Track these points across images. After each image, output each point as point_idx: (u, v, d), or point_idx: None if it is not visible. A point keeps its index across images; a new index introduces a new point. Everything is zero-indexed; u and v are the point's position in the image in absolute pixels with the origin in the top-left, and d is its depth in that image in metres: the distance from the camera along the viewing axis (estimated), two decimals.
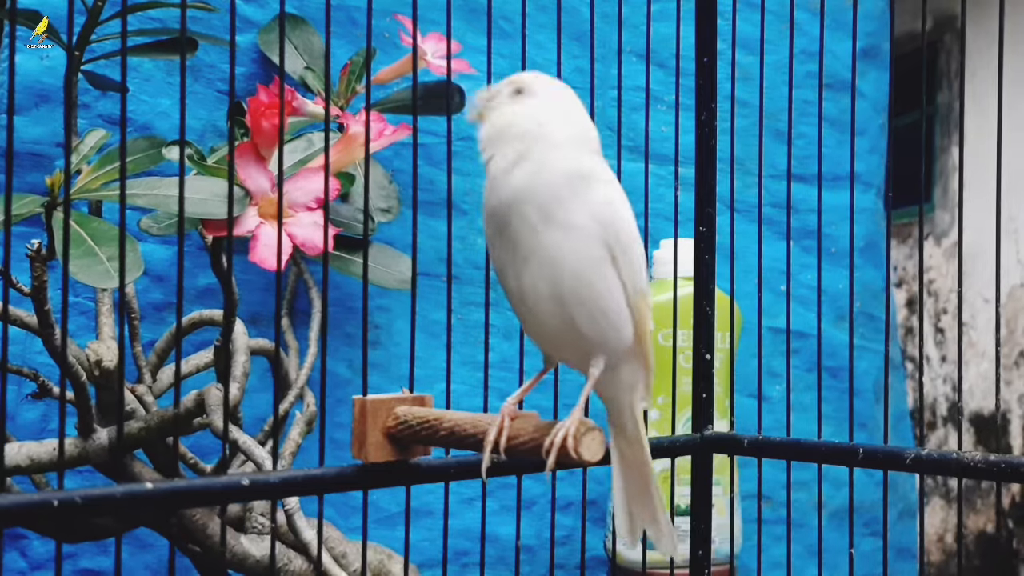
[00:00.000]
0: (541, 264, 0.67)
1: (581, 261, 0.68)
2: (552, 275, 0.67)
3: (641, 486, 0.80)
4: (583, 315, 0.69)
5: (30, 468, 1.06)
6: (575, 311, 0.68)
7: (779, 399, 1.25)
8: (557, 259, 0.67)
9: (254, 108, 1.01)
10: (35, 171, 1.20)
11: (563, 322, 0.69)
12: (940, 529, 3.39)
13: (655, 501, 0.80)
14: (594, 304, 0.69)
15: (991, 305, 3.14)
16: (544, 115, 0.70)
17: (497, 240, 0.69)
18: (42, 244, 0.92)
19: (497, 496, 1.39)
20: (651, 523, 0.81)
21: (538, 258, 0.67)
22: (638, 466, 0.80)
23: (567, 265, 0.67)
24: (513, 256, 0.68)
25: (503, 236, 0.68)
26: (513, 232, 0.68)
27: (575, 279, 0.68)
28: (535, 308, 0.69)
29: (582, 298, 0.68)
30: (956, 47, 3.49)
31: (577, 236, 0.67)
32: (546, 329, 0.71)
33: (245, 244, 1.03)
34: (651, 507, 0.80)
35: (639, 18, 1.30)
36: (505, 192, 0.68)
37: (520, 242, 0.68)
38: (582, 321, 0.69)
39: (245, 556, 1.09)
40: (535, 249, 0.67)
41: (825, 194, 1.14)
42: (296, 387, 1.17)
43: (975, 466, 0.86)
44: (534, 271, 0.68)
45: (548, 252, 0.67)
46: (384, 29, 1.37)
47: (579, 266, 0.68)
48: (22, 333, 1.13)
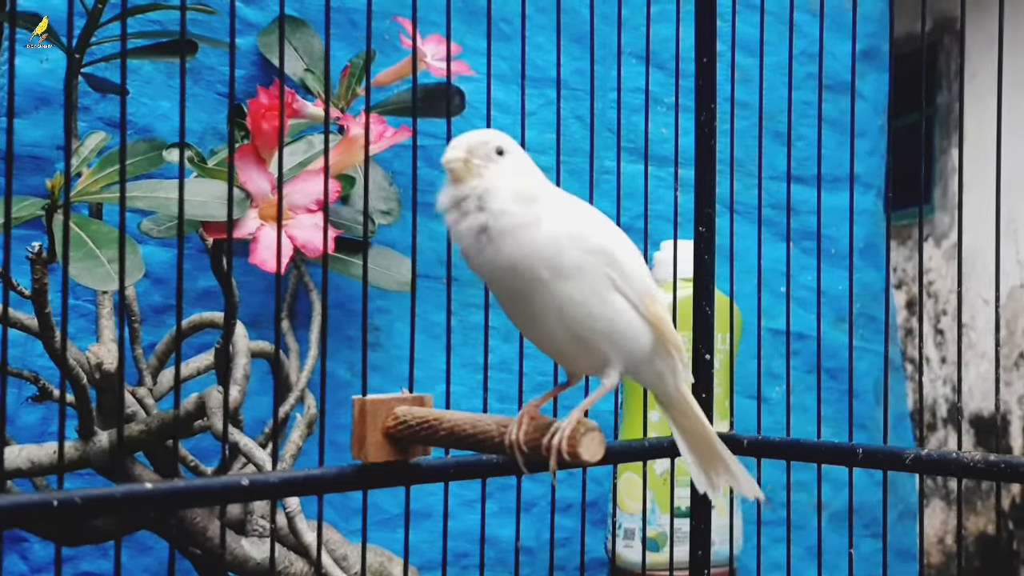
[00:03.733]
0: (553, 315, 0.71)
1: (588, 301, 0.71)
2: (564, 323, 0.71)
3: (707, 447, 0.85)
4: (601, 341, 0.73)
5: (31, 471, 1.06)
6: (589, 338, 0.72)
7: (779, 400, 1.25)
8: (567, 307, 0.70)
9: (254, 110, 1.01)
10: (36, 174, 1.20)
11: (583, 350, 0.73)
12: (940, 531, 3.39)
13: (724, 455, 0.85)
14: (608, 329, 0.72)
15: (991, 306, 3.14)
16: (532, 173, 0.73)
17: (506, 298, 0.72)
18: (43, 247, 0.92)
19: (497, 498, 1.39)
20: (726, 474, 0.86)
21: (551, 310, 0.71)
22: (697, 431, 0.85)
23: (576, 309, 0.71)
24: (526, 314, 0.72)
25: (514, 295, 0.71)
26: (525, 291, 0.70)
27: (587, 318, 0.71)
28: (559, 349, 0.74)
29: (597, 329, 0.72)
30: (956, 48, 3.49)
31: (582, 278, 0.70)
32: (565, 354, 0.75)
33: (246, 246, 1.03)
34: (722, 461, 0.85)
35: (639, 19, 1.30)
36: (518, 256, 0.69)
37: (532, 300, 0.70)
38: (598, 343, 0.73)
39: (246, 558, 1.09)
40: (546, 302, 0.70)
41: (825, 195, 1.15)
42: (297, 389, 1.17)
43: (974, 466, 0.86)
44: (549, 323, 0.71)
45: (560, 302, 0.70)
46: (384, 31, 1.37)
47: (587, 307, 0.71)
48: (22, 336, 1.13)
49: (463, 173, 0.70)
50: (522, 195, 0.70)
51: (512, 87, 1.42)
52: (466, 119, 1.40)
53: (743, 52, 1.28)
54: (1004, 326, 3.19)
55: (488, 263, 0.70)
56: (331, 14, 0.85)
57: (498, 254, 0.69)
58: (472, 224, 0.70)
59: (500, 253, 0.69)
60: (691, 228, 1.12)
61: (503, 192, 0.70)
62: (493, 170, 0.71)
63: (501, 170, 0.71)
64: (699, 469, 0.86)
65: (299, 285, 1.27)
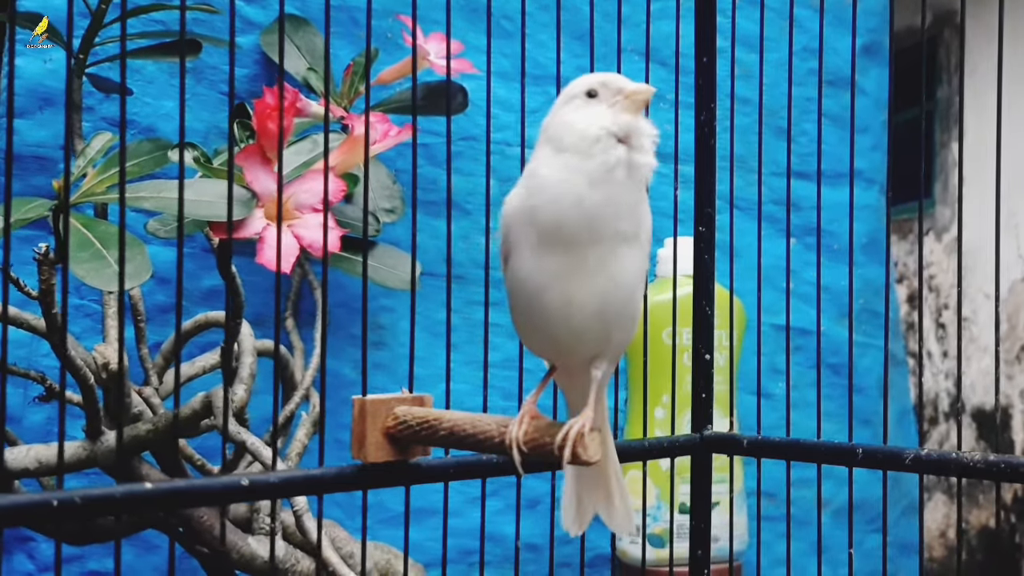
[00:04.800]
0: (602, 277, 0.67)
1: (635, 275, 0.69)
2: (606, 290, 0.68)
3: (595, 471, 0.78)
4: (619, 326, 0.70)
5: (38, 471, 1.07)
6: (614, 322, 0.69)
7: (782, 396, 1.25)
8: (619, 274, 0.68)
9: (260, 110, 1.02)
10: (40, 174, 1.20)
11: (598, 333, 0.70)
12: (943, 524, 3.39)
13: (612, 482, 0.79)
14: (630, 315, 0.70)
15: (992, 300, 3.14)
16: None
17: (552, 253, 0.68)
18: (49, 248, 0.93)
19: (502, 495, 1.39)
20: (603, 504, 0.80)
21: (605, 274, 0.67)
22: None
23: (626, 279, 0.68)
24: (572, 270, 0.67)
25: (567, 250, 0.67)
26: (600, 244, 0.67)
27: (628, 292, 0.69)
28: (573, 322, 0.69)
29: (624, 312, 0.69)
30: (956, 42, 3.49)
31: (639, 251, 0.69)
32: (572, 339, 0.70)
33: (253, 246, 1.03)
34: (605, 488, 0.79)
35: (639, 16, 1.30)
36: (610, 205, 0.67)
37: (604, 257, 0.67)
38: (615, 330, 0.70)
39: (253, 557, 1.09)
40: (603, 261, 0.67)
41: (826, 191, 1.15)
42: (302, 388, 1.17)
43: (974, 466, 0.86)
44: (596, 286, 0.67)
45: (617, 266, 0.67)
46: (386, 29, 1.37)
47: (633, 280, 0.69)
48: (28, 336, 1.14)
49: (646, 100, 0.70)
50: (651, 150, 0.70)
51: (514, 84, 1.42)
52: (468, 117, 1.41)
53: (744, 48, 1.28)
54: (1005, 320, 3.19)
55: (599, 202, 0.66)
56: (333, 12, 0.85)
57: (618, 195, 0.67)
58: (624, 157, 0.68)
59: (620, 195, 0.67)
60: (692, 225, 1.12)
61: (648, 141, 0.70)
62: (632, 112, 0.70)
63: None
64: (572, 498, 0.79)
65: (304, 284, 1.28)
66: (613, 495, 0.79)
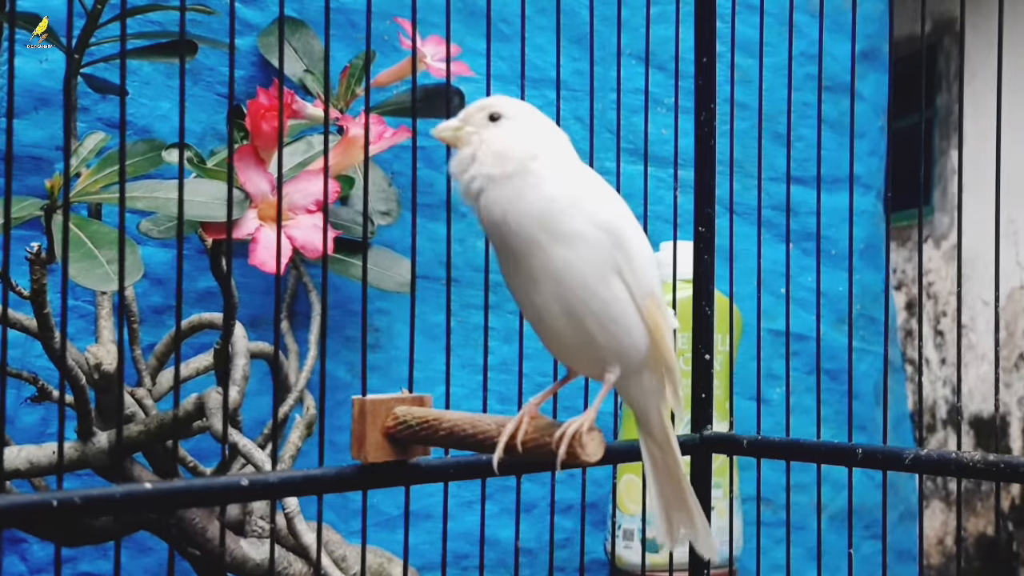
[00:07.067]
0: (549, 282, 0.69)
1: (585, 273, 0.70)
2: (559, 292, 0.70)
3: (675, 490, 0.82)
4: (594, 325, 0.71)
5: (30, 472, 1.06)
6: (586, 321, 0.70)
7: (779, 401, 1.25)
8: (564, 274, 0.69)
9: (254, 111, 1.01)
10: (35, 174, 1.19)
11: (577, 334, 0.71)
12: (940, 532, 3.39)
13: (690, 503, 0.82)
14: (603, 313, 0.70)
15: (990, 307, 3.14)
16: (530, 137, 0.72)
17: (508, 265, 0.72)
18: (41, 247, 0.92)
19: (497, 499, 1.39)
20: (688, 525, 0.83)
21: (547, 276, 0.69)
22: (670, 470, 0.81)
23: (574, 279, 0.69)
24: (524, 278, 0.71)
25: (513, 260, 0.71)
26: (520, 254, 0.70)
27: (583, 290, 0.70)
28: (552, 325, 0.72)
29: (591, 309, 0.70)
30: (955, 49, 3.50)
31: (583, 248, 0.69)
32: (563, 343, 0.73)
33: (246, 247, 1.02)
34: (687, 509, 0.82)
35: (639, 20, 1.30)
36: (510, 214, 0.69)
37: (530, 264, 0.70)
38: (594, 331, 0.71)
39: (245, 559, 1.09)
40: (544, 266, 0.69)
41: (825, 196, 1.15)
42: (296, 390, 1.17)
43: (974, 466, 0.86)
44: (544, 290, 0.70)
45: (556, 268, 0.69)
46: (384, 32, 1.37)
47: (584, 278, 0.70)
48: (22, 336, 1.13)
49: (452, 142, 0.73)
50: (504, 155, 0.70)
51: (512, 88, 1.41)
52: None
53: (743, 53, 1.28)
54: (1004, 327, 3.19)
55: (483, 220, 0.71)
56: (331, 15, 0.85)
57: (486, 211, 0.71)
58: (464, 183, 0.72)
59: (487, 210, 0.70)
60: (691, 229, 1.12)
61: (486, 153, 0.71)
62: (484, 135, 0.72)
63: (491, 135, 0.72)
64: (663, 514, 0.83)
65: (298, 286, 1.27)
66: (694, 516, 0.82)
